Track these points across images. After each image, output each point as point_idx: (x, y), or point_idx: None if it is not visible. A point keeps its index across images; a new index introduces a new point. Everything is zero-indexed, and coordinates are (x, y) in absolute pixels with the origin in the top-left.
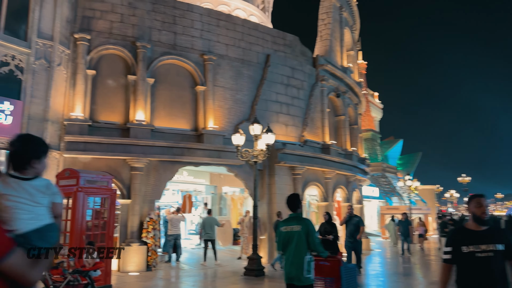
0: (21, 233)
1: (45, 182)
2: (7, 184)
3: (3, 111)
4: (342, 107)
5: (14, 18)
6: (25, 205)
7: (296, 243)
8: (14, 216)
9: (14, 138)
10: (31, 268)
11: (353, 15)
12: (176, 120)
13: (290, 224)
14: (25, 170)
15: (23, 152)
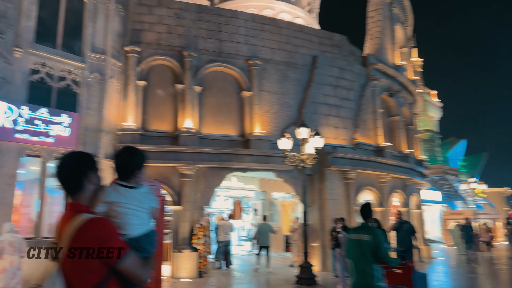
0: (132, 237)
1: (147, 189)
2: (118, 192)
3: (62, 123)
4: (396, 107)
5: (69, 35)
6: (135, 211)
7: (365, 252)
8: (127, 221)
9: (119, 151)
10: (143, 269)
11: (404, 10)
12: (223, 127)
13: (360, 232)
14: (130, 179)
15: (129, 163)
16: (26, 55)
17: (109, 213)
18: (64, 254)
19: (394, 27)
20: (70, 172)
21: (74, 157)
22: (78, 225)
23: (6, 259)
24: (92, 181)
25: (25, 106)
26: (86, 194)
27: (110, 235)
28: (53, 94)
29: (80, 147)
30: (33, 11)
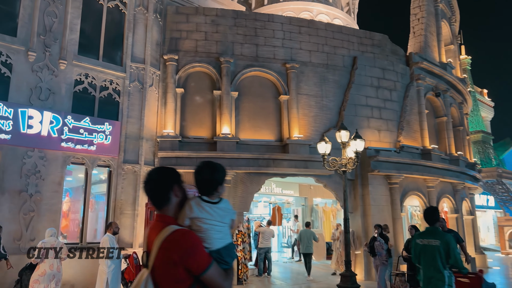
0: (214, 250)
1: (227, 203)
2: (202, 208)
3: (104, 131)
4: (443, 107)
5: (110, 46)
6: (217, 227)
7: (433, 258)
8: (209, 236)
9: (200, 167)
10: (225, 279)
11: (451, 5)
12: (260, 132)
13: (427, 237)
14: (213, 195)
15: (211, 179)
16: (71, 67)
17: (193, 227)
18: (153, 263)
19: (439, 23)
20: (157, 187)
21: (160, 172)
22: (166, 235)
23: (47, 262)
24: (177, 194)
25: (69, 116)
26: (172, 206)
27: (195, 247)
28: (96, 104)
29: (121, 155)
30: (77, 24)
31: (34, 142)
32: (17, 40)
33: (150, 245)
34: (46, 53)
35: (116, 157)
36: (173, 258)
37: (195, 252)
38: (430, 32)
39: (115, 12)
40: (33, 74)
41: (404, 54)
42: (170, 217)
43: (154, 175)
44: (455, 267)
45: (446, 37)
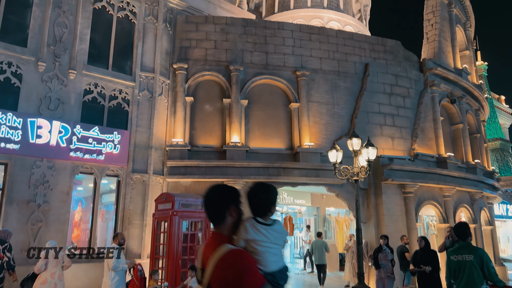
0: (269, 272)
1: (280, 225)
2: (257, 230)
3: (113, 141)
4: (459, 114)
5: (120, 55)
6: (272, 249)
7: (469, 273)
8: (265, 258)
9: (253, 188)
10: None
11: (465, 11)
12: (270, 140)
13: (461, 253)
14: (266, 216)
15: (265, 201)
16: (80, 77)
17: (249, 248)
18: (208, 280)
19: (454, 29)
20: (214, 205)
21: (218, 190)
22: (221, 254)
23: (48, 271)
24: (233, 215)
25: (78, 125)
26: (227, 225)
27: (250, 267)
28: (105, 113)
29: (129, 164)
30: (87, 34)
31: (43, 152)
32: (27, 50)
33: (205, 262)
34: (56, 63)
35: (125, 166)
36: (228, 278)
37: (250, 273)
38: (444, 37)
39: (124, 22)
40: (42, 84)
41: (417, 60)
42: (225, 236)
43: (214, 192)
44: (491, 281)
45: (461, 43)
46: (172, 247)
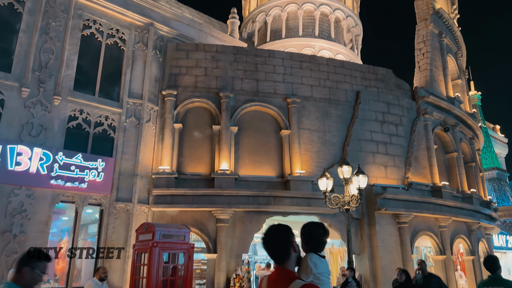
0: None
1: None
2: (322, 263)
3: (96, 168)
4: (453, 142)
5: (107, 82)
6: (327, 279)
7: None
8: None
9: (310, 227)
10: None
11: (456, 41)
12: (260, 168)
13: (492, 285)
14: (323, 249)
15: (321, 236)
16: (65, 103)
17: (315, 281)
18: None
19: (445, 58)
20: (279, 243)
21: (280, 229)
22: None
23: None
24: (295, 249)
25: (61, 152)
26: (292, 261)
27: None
28: (89, 140)
29: (113, 192)
30: (74, 60)
31: (22, 180)
32: (11, 76)
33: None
34: (41, 89)
35: (109, 194)
36: None
37: None
38: (435, 66)
39: (113, 49)
40: (25, 110)
41: (409, 88)
42: (293, 271)
43: (275, 232)
44: None
45: (452, 72)
46: (151, 281)
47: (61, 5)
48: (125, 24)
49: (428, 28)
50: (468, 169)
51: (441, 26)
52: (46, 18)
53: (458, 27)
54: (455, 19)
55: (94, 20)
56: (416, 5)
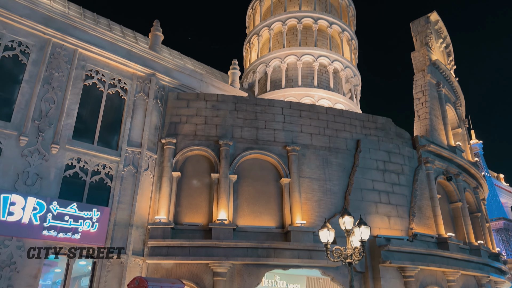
0: None
1: None
2: None
3: (91, 218)
4: (457, 192)
5: (107, 130)
6: None
7: None
8: None
9: None
10: None
11: (454, 90)
12: (260, 217)
13: None
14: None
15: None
16: (63, 151)
17: None
18: None
19: (444, 107)
20: None
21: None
22: None
23: None
24: None
25: (55, 202)
26: None
27: None
28: (85, 188)
29: (107, 243)
30: (74, 109)
31: (13, 230)
32: (10, 125)
33: None
34: (39, 137)
35: (102, 246)
36: None
37: None
38: (435, 115)
39: (114, 98)
40: (22, 158)
41: (409, 137)
42: None
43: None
44: None
45: (452, 121)
46: None
47: (65, 57)
48: (127, 74)
49: (426, 78)
50: (474, 219)
51: (438, 76)
52: (50, 68)
53: (456, 77)
54: (452, 70)
55: (97, 70)
56: (413, 56)
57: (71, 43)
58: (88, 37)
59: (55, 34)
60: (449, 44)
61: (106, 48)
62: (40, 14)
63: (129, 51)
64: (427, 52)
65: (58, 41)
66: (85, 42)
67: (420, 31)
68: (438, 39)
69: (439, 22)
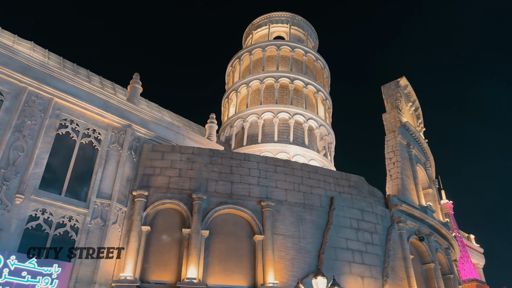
0: None
1: None
2: None
3: (51, 274)
4: (429, 252)
5: (76, 181)
6: None
7: None
8: None
9: None
10: None
11: (424, 152)
12: (231, 276)
13: None
14: None
15: None
16: (27, 202)
17: None
18: None
19: (415, 167)
20: None
21: None
22: None
23: None
24: None
25: (13, 256)
26: None
27: None
28: (48, 242)
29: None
30: (44, 159)
31: None
32: None
33: None
34: (3, 187)
35: None
36: None
37: None
38: (406, 175)
39: (87, 148)
40: None
41: (382, 196)
42: None
43: None
44: None
45: (423, 181)
46: None
47: (40, 105)
48: (103, 125)
49: (397, 139)
50: (447, 281)
51: (408, 137)
52: (23, 116)
53: (425, 139)
54: (422, 132)
55: (72, 120)
56: (384, 118)
57: (48, 92)
58: (66, 86)
59: (31, 83)
60: (418, 108)
61: (83, 98)
62: (18, 62)
63: (106, 101)
64: (397, 114)
65: (34, 89)
66: (62, 92)
67: (390, 94)
68: (408, 103)
69: (408, 86)
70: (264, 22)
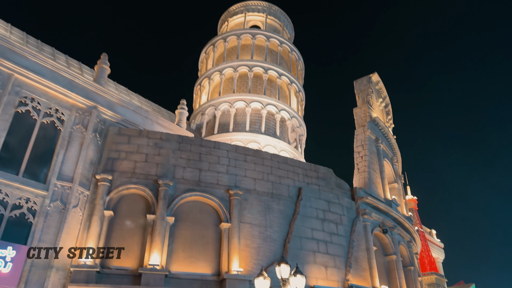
0: None
1: None
2: None
3: (5, 257)
4: (392, 244)
5: (35, 162)
6: None
7: None
8: None
9: None
10: None
11: (392, 147)
12: (196, 263)
13: None
14: None
15: None
16: None
17: None
18: None
19: (382, 162)
20: None
21: None
22: None
23: None
24: None
25: None
26: None
27: None
28: (2, 224)
29: (20, 286)
30: (1, 137)
31: None
32: None
33: None
34: None
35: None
36: None
37: None
38: (373, 169)
39: (49, 128)
40: None
41: (349, 188)
42: None
43: None
44: None
45: (389, 176)
46: None
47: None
48: (66, 105)
49: (366, 133)
50: (407, 272)
51: (377, 132)
52: None
53: (394, 135)
54: (391, 128)
55: (32, 98)
56: (355, 112)
57: (7, 67)
58: (27, 63)
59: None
60: (388, 104)
61: (46, 76)
62: None
63: (71, 81)
64: (368, 109)
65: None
66: (23, 68)
67: (362, 89)
68: (379, 98)
69: (379, 82)
70: (240, 10)
